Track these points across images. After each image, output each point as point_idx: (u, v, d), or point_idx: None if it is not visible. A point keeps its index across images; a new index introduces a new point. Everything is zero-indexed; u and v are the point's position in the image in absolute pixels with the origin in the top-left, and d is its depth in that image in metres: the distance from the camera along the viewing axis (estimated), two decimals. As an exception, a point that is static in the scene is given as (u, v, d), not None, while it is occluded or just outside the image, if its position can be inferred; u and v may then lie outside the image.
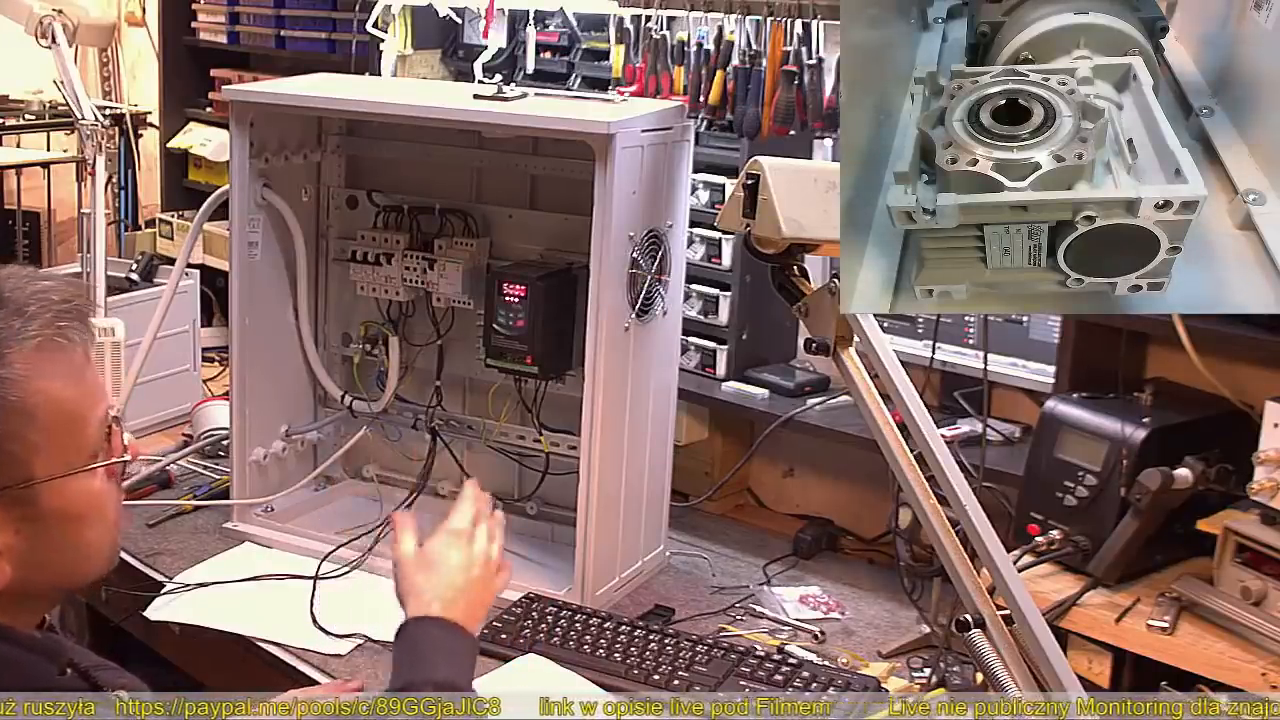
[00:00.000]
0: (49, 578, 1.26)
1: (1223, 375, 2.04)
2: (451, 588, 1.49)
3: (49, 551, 1.24)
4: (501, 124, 2.29)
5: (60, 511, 1.24)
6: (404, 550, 1.53)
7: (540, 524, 2.57)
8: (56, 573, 1.27)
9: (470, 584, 1.51)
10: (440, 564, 1.51)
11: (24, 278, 1.25)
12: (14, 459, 1.20)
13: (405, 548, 1.54)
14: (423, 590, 1.48)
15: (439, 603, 1.47)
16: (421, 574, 1.50)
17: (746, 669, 2.01)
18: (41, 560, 1.24)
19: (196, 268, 3.25)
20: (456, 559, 1.52)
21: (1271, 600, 1.82)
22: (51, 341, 1.21)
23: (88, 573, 1.31)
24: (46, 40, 2.90)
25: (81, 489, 1.25)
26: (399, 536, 1.55)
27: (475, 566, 1.53)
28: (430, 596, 1.47)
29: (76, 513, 1.25)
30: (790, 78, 2.46)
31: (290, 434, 2.66)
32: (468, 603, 1.50)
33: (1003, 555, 1.52)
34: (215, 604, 2.27)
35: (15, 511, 1.21)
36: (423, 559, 1.51)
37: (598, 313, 2.18)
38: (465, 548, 1.53)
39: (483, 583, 1.53)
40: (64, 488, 1.23)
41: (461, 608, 1.48)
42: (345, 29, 3.42)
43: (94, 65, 4.70)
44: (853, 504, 2.68)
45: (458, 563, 1.51)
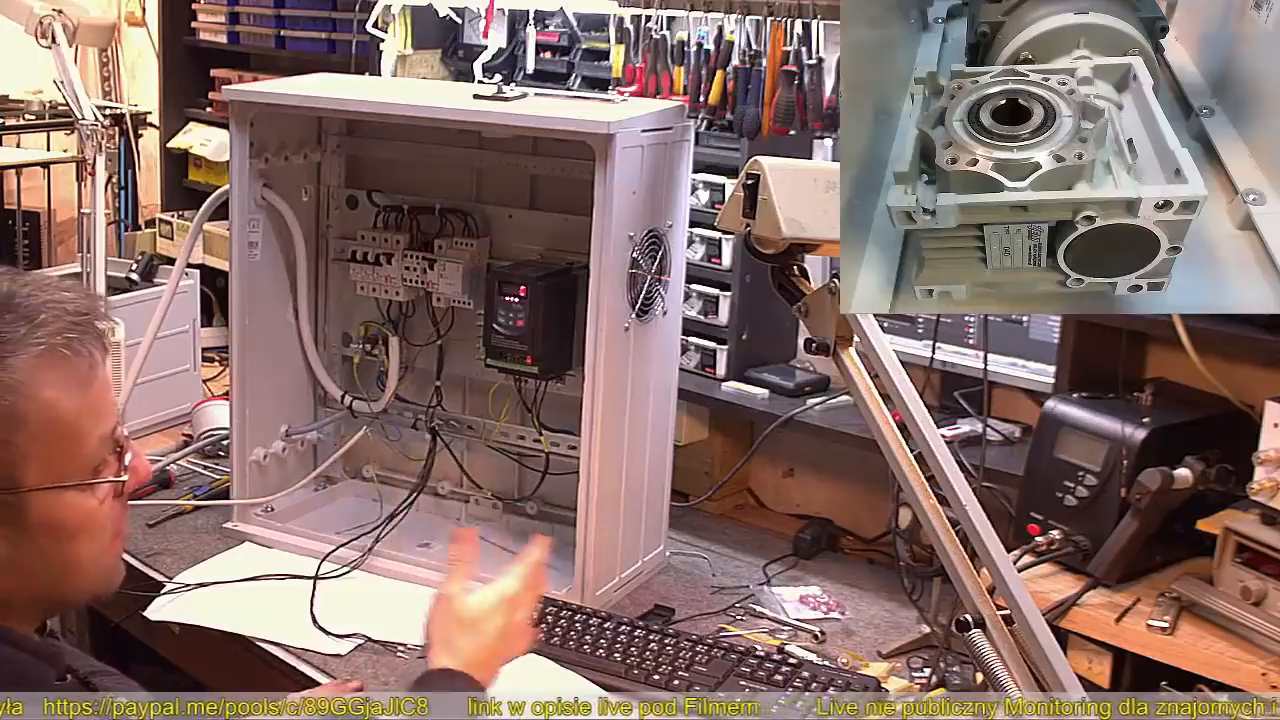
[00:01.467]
0: (36, 589, 1.25)
1: (1223, 375, 2.04)
2: (485, 650, 1.50)
3: (35, 562, 1.23)
4: (501, 124, 2.29)
5: (49, 524, 1.22)
6: (451, 590, 1.52)
7: (540, 524, 2.57)
8: (43, 584, 1.25)
9: (502, 650, 1.52)
10: (482, 626, 1.50)
11: (44, 286, 1.24)
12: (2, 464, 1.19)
13: (453, 588, 1.53)
14: (459, 648, 1.48)
15: (472, 664, 1.48)
16: (460, 631, 1.49)
17: (746, 669, 2.01)
18: (28, 570, 1.23)
19: (196, 268, 3.25)
20: (498, 624, 1.52)
21: (1271, 600, 1.82)
22: (57, 352, 1.20)
23: (79, 589, 1.29)
24: (46, 40, 2.90)
25: (74, 504, 1.24)
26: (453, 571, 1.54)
27: (511, 634, 1.54)
28: (466, 656, 1.48)
29: (67, 527, 1.24)
30: (790, 78, 2.46)
31: (290, 434, 2.66)
32: (493, 670, 1.51)
33: (1003, 555, 1.52)
34: (215, 604, 2.27)
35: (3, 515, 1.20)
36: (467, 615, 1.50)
37: (598, 313, 2.18)
38: (509, 615, 1.53)
39: (510, 649, 1.54)
40: (54, 500, 1.22)
41: (487, 671, 1.50)
42: (345, 29, 3.42)
43: (94, 65, 4.70)
44: (853, 504, 2.68)
45: (497, 629, 1.51)
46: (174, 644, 2.31)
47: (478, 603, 1.51)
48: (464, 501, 2.66)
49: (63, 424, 1.21)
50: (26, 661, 1.23)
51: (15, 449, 1.19)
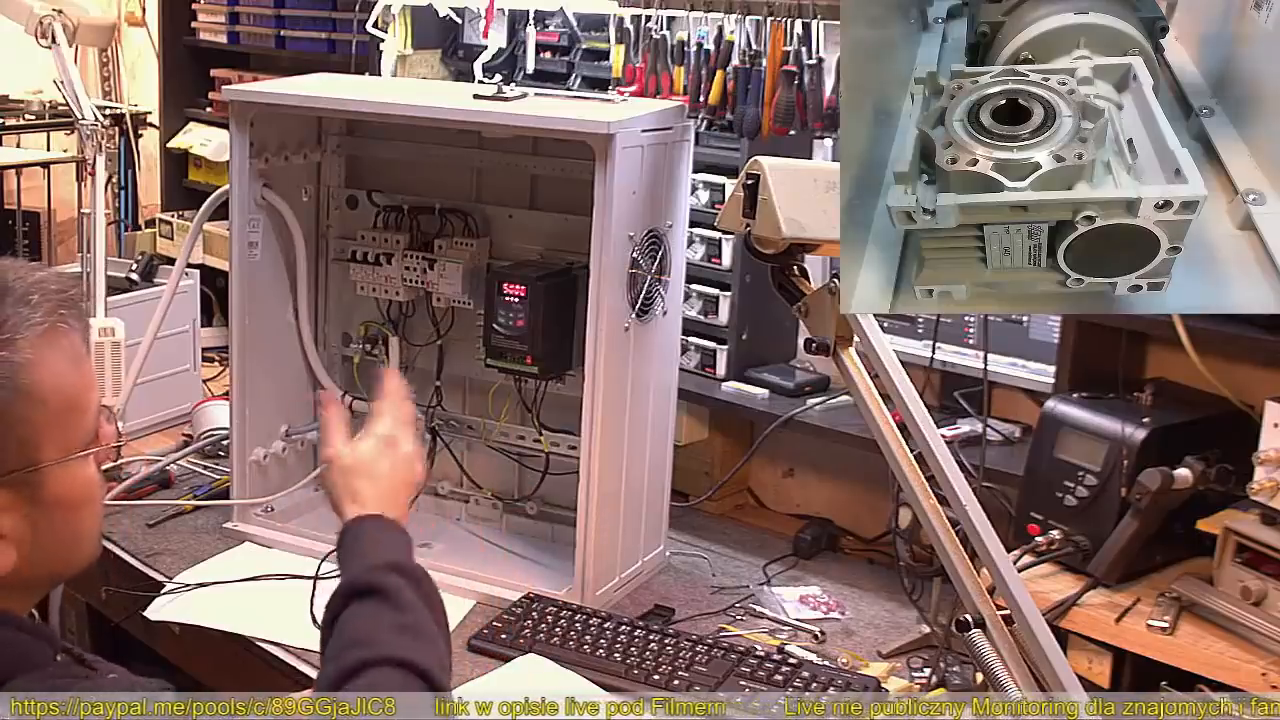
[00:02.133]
0: (47, 564, 1.27)
1: (1223, 375, 2.04)
2: (388, 489, 1.55)
3: (49, 536, 1.25)
4: (501, 124, 2.29)
5: (62, 497, 1.25)
6: (339, 452, 1.57)
7: (540, 524, 2.57)
8: (54, 559, 1.28)
9: (401, 486, 1.57)
10: (376, 469, 1.55)
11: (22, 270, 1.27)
12: (24, 443, 1.22)
13: (339, 449, 1.57)
14: (363, 495, 1.53)
15: (376, 504, 1.52)
16: (358, 480, 1.54)
17: (746, 669, 2.01)
18: (42, 546, 1.25)
19: (196, 268, 3.25)
20: (390, 462, 1.57)
21: (1271, 600, 1.82)
22: (55, 329, 1.24)
23: (78, 560, 1.32)
24: (46, 40, 2.90)
25: (81, 475, 1.27)
26: (330, 436, 1.59)
27: (402, 469, 1.58)
28: (370, 501, 1.53)
29: (76, 498, 1.27)
30: (790, 78, 2.46)
31: (290, 434, 2.66)
32: (400, 503, 1.56)
33: (1003, 555, 1.52)
34: (215, 604, 2.27)
35: (24, 493, 1.23)
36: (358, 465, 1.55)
37: (598, 313, 2.18)
38: (396, 449, 1.58)
39: (408, 485, 1.59)
40: (66, 473, 1.25)
41: (396, 509, 1.54)
42: (345, 29, 3.42)
43: (94, 65, 4.70)
44: (853, 504, 2.68)
45: (391, 465, 1.57)
46: (174, 644, 2.31)
47: (363, 450, 1.56)
48: (464, 501, 2.66)
49: (70, 398, 1.25)
50: (27, 642, 1.25)
51: (36, 427, 1.22)
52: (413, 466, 1.60)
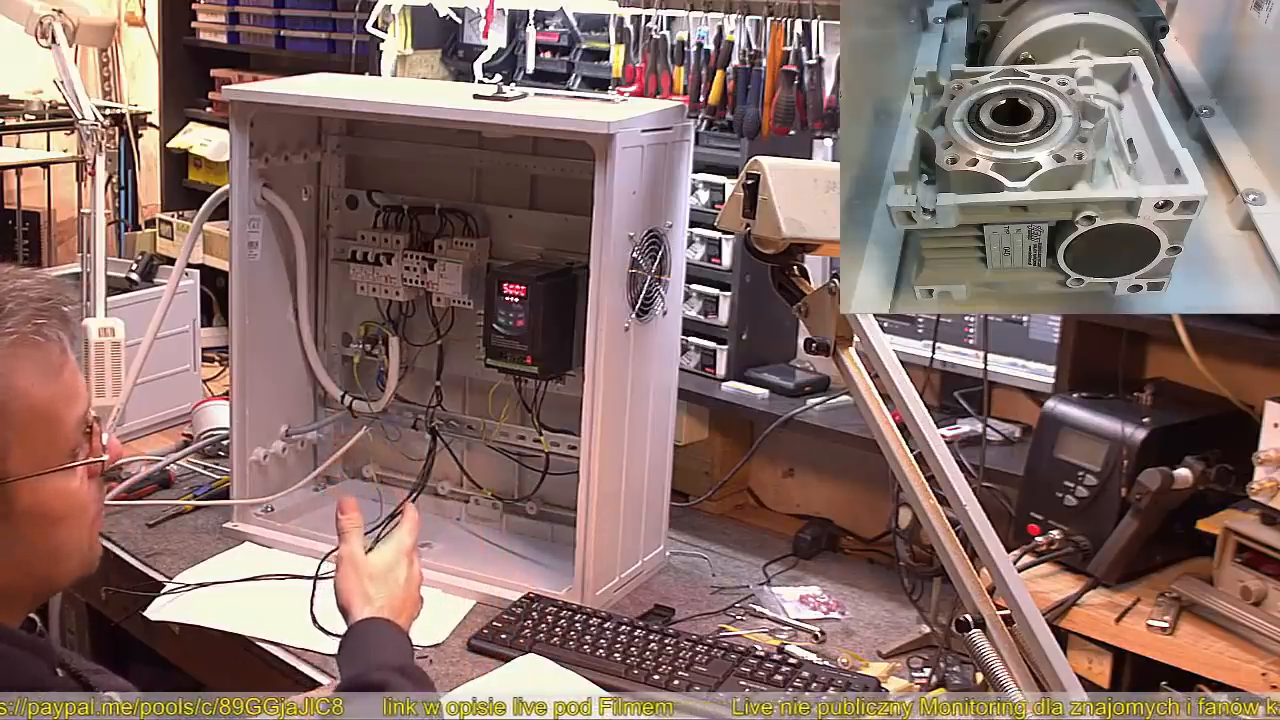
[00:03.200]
0: (24, 578, 1.26)
1: (1223, 375, 2.04)
2: (399, 598, 1.58)
3: (23, 551, 1.24)
4: (501, 124, 2.29)
5: (35, 511, 1.23)
6: (355, 553, 1.60)
7: (540, 524, 2.57)
8: (32, 573, 1.26)
9: (410, 600, 1.60)
10: (389, 576, 1.59)
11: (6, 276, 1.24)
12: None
13: (355, 551, 1.60)
14: (373, 597, 1.56)
15: (388, 611, 1.55)
16: (372, 584, 1.57)
17: (746, 669, 2.01)
18: (16, 559, 1.23)
19: (196, 268, 3.25)
20: (402, 575, 1.60)
21: (1271, 600, 1.82)
22: (28, 339, 1.21)
23: (64, 574, 1.30)
24: (46, 40, 2.90)
25: (57, 489, 1.25)
26: (349, 537, 1.61)
27: (414, 586, 1.62)
28: (381, 604, 1.56)
29: (52, 512, 1.25)
30: (790, 78, 2.46)
31: (290, 434, 2.66)
32: (408, 617, 1.59)
33: (1003, 555, 1.52)
34: (215, 604, 2.27)
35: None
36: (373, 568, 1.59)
37: (598, 313, 2.18)
38: (409, 567, 1.62)
39: (415, 603, 1.62)
40: (39, 487, 1.23)
41: (403, 620, 1.57)
42: (345, 29, 3.42)
43: (94, 65, 4.70)
44: (853, 504, 2.68)
45: (403, 578, 1.60)
46: (174, 644, 2.31)
47: (381, 558, 1.60)
48: (464, 501, 2.66)
49: (41, 411, 1.22)
50: (20, 657, 1.23)
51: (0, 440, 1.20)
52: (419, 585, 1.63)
